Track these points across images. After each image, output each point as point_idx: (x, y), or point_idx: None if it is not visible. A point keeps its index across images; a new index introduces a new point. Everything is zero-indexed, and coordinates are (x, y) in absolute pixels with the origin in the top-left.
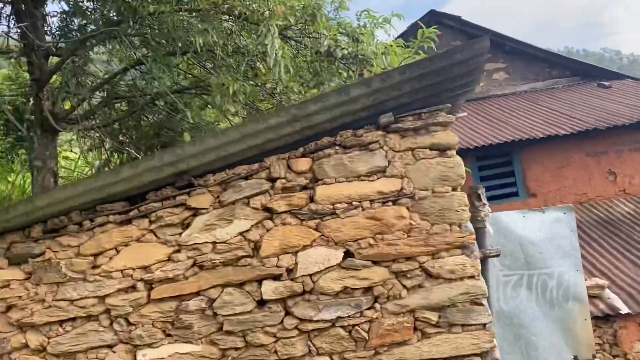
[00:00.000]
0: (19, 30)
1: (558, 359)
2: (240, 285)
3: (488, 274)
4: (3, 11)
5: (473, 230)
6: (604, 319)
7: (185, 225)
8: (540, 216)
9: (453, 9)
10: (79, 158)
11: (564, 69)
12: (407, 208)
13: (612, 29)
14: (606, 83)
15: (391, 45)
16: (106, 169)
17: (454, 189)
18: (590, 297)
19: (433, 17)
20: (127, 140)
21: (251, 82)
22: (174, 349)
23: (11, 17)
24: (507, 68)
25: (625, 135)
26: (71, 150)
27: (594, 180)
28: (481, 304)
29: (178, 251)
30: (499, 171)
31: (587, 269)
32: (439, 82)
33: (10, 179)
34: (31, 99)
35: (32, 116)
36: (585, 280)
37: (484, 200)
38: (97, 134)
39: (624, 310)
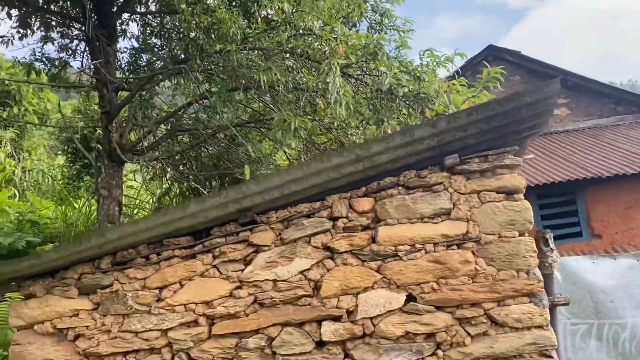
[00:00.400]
0: (92, 66)
1: None
2: (299, 324)
3: (556, 322)
4: (78, 47)
5: (541, 277)
6: None
7: (247, 261)
8: (612, 262)
9: (510, 41)
10: (141, 187)
11: (630, 105)
12: (473, 252)
13: None
14: None
15: (454, 84)
16: (166, 197)
17: (521, 234)
18: None
19: (492, 52)
20: (187, 170)
21: (310, 117)
22: None
23: (85, 52)
24: (570, 104)
25: None
26: (134, 179)
27: None
28: (550, 357)
29: (239, 287)
30: (561, 210)
31: None
32: (507, 124)
33: (76, 205)
34: (98, 130)
35: (99, 145)
36: None
37: (552, 246)
38: (160, 164)
39: None
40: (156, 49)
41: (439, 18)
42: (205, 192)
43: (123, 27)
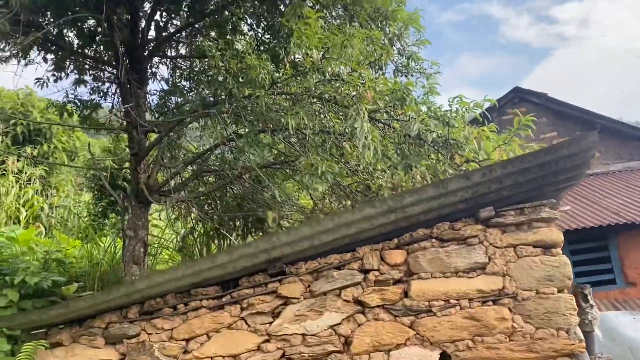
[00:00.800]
0: (123, 109)
1: None
2: None
3: None
4: (109, 89)
5: (582, 336)
6: None
7: (275, 314)
8: None
9: (534, 80)
10: (166, 226)
11: None
12: (509, 309)
13: None
14: None
15: (483, 130)
16: (190, 237)
17: (560, 291)
18: None
19: (517, 94)
20: (212, 210)
21: (336, 161)
22: None
23: (116, 94)
24: (599, 146)
25: None
26: (159, 218)
27: None
28: None
29: (267, 341)
30: (593, 256)
31: None
32: (543, 176)
33: (101, 243)
34: (125, 168)
35: (125, 183)
36: None
37: (592, 302)
38: (185, 204)
39: None
40: (185, 91)
41: (462, 57)
42: (228, 233)
43: (153, 69)
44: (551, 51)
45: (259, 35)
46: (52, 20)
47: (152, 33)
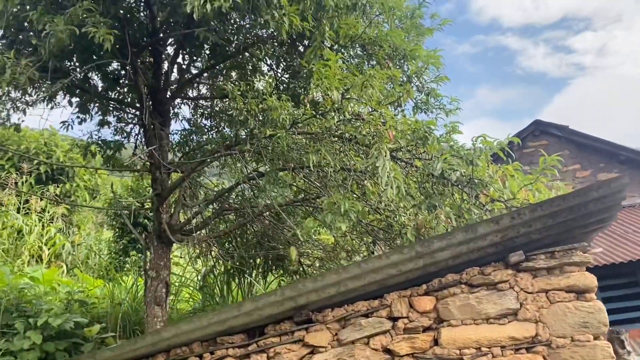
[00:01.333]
0: (147, 151)
1: None
2: None
3: None
4: (132, 130)
5: None
6: None
7: None
8: None
9: (553, 110)
10: (187, 265)
11: None
12: (544, 357)
13: None
14: None
15: (507, 168)
16: (211, 275)
17: (596, 338)
18: None
19: (538, 127)
20: (232, 248)
21: (358, 198)
22: None
23: (139, 135)
24: None
25: None
26: (180, 256)
27: None
28: None
29: None
30: (623, 293)
31: None
32: (573, 219)
33: (122, 281)
34: (147, 205)
35: (146, 220)
36: None
37: (629, 348)
38: (206, 243)
39: None
40: (206, 130)
41: (480, 89)
42: (249, 271)
43: (175, 110)
44: (569, 81)
45: (279, 75)
46: (77, 65)
47: (174, 75)
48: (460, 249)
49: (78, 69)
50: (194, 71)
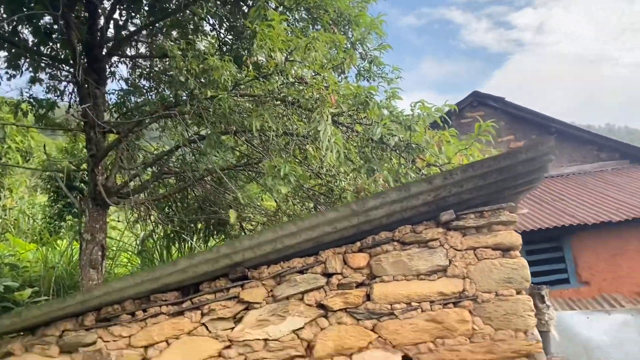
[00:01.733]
0: (80, 109)
1: None
2: None
3: None
4: (66, 88)
5: (540, 337)
6: None
7: (237, 319)
8: (606, 318)
9: (493, 84)
10: (125, 229)
11: (613, 152)
12: (470, 311)
13: None
14: None
15: (444, 134)
16: (150, 239)
17: (518, 292)
18: None
19: (476, 98)
20: (172, 212)
21: (299, 163)
22: None
23: (73, 93)
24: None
25: None
26: (118, 221)
27: None
28: None
29: (229, 347)
30: (548, 256)
31: None
32: (503, 180)
33: (57, 246)
34: (82, 168)
35: (82, 184)
36: None
37: (548, 302)
38: (144, 206)
39: None
40: (145, 91)
41: (424, 61)
42: (190, 236)
43: (112, 69)
44: (508, 56)
45: (222, 36)
46: (5, 16)
47: (111, 31)
48: (394, 208)
49: (5, 21)
50: (132, 28)
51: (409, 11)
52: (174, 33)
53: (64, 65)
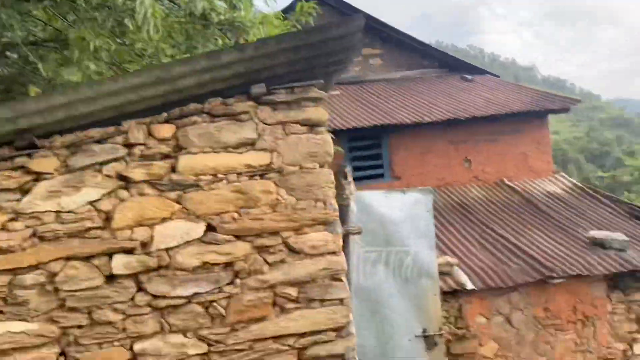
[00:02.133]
0: None
1: (409, 333)
2: (87, 258)
3: (350, 250)
4: None
5: (337, 207)
6: (452, 294)
7: (24, 190)
8: (401, 197)
9: None
10: None
11: (434, 60)
12: (275, 183)
13: (478, 29)
14: (469, 77)
15: (268, 15)
16: None
17: (321, 166)
18: (442, 274)
19: None
20: None
21: (118, 40)
22: (4, 327)
23: None
24: (383, 55)
25: (481, 126)
26: None
27: (452, 167)
28: (340, 280)
29: (14, 219)
30: (368, 153)
31: (441, 249)
32: (314, 56)
33: None
34: None
35: None
36: (438, 258)
37: (350, 179)
38: None
39: (469, 286)
40: None
41: None
42: None
43: None
44: None
45: None
46: None
47: None
48: (204, 77)
49: None
50: None
51: None
52: None
53: None
